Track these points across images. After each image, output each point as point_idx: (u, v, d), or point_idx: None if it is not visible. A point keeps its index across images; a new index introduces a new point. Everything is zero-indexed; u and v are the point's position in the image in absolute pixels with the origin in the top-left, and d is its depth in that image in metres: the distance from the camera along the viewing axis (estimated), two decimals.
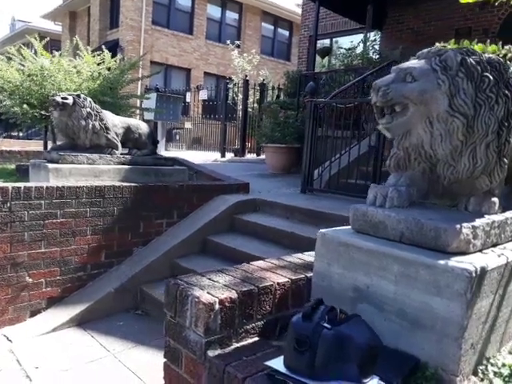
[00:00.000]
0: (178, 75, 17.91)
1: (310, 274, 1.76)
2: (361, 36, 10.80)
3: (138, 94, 12.95)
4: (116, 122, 4.31)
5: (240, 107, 13.32)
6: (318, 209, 4.31)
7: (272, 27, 20.96)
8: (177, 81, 17.57)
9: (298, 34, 21.70)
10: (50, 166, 3.85)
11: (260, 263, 1.84)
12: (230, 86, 13.29)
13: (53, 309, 3.67)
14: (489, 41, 2.34)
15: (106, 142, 4.22)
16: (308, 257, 2.06)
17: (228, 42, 16.28)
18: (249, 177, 7.15)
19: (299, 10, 21.28)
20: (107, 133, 4.19)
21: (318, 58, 12.44)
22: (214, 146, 14.30)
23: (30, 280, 3.54)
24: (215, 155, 12.14)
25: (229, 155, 12.87)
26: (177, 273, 4.07)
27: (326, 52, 9.05)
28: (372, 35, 10.49)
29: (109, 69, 7.32)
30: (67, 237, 3.73)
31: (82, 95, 4.05)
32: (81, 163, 4.04)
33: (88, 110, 4.04)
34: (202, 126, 15.39)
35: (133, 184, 4.11)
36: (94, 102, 4.19)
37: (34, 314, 3.60)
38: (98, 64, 7.24)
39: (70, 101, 3.94)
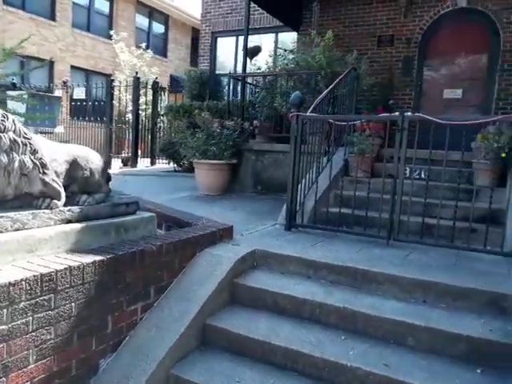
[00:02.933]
0: (39, 68, 14.84)
1: None
2: (272, 36, 10.01)
3: None
4: (55, 155, 2.58)
5: (130, 108, 11.44)
6: (352, 264, 3.24)
7: (147, 20, 18.97)
8: (37, 75, 14.54)
9: (174, 28, 20.16)
10: None
11: None
12: (116, 83, 11.30)
13: None
14: None
15: (41, 188, 2.48)
16: None
17: (112, 33, 13.93)
18: (182, 202, 5.75)
19: (175, 4, 19.74)
20: (44, 173, 2.46)
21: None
22: None
23: None
24: None
25: (116, 164, 10.96)
26: None
27: (256, 51, 7.95)
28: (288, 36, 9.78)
29: None
30: None
31: (1, 110, 2.27)
32: (2, 231, 2.27)
33: (11, 135, 2.27)
34: (72, 130, 12.98)
35: (97, 258, 2.48)
36: None
37: None
38: None
39: None
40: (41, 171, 2.45)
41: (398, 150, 3.82)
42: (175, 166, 9.57)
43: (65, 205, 2.66)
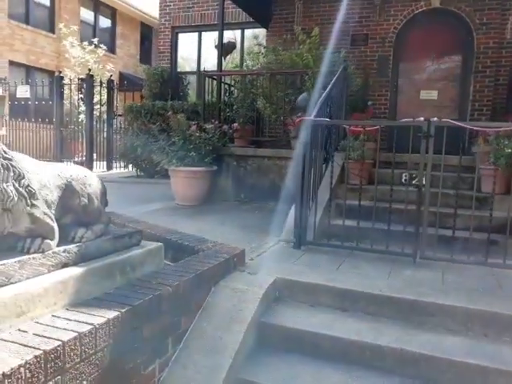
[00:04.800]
0: None
1: None
2: (238, 32, 9.47)
3: None
4: (44, 179, 1.93)
5: (81, 109, 10.47)
6: (393, 293, 2.83)
7: (92, 13, 17.71)
8: None
9: (122, 23, 19.00)
10: None
11: None
12: (66, 81, 10.30)
13: None
14: None
15: (29, 225, 1.83)
16: None
17: (61, 25, 12.69)
18: (159, 215, 5.14)
19: None
20: (32, 205, 1.81)
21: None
22: (32, 156, 11.01)
23: None
24: None
25: None
26: None
27: (231, 48, 7.37)
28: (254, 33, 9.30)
29: None
30: None
31: None
32: None
33: None
34: (13, 132, 11.81)
35: (111, 314, 1.87)
36: None
37: None
38: None
39: None
40: (28, 203, 1.80)
41: (424, 157, 3.46)
42: (137, 171, 8.83)
43: (58, 243, 2.01)
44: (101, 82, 10.03)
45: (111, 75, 10.54)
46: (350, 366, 2.46)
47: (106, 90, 10.16)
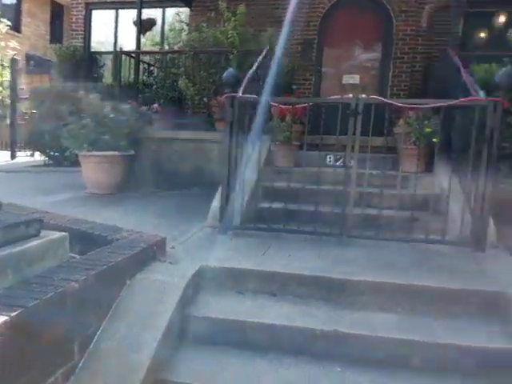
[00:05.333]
0: None
1: None
2: (158, 11, 8.93)
3: None
4: None
5: None
6: (323, 273, 2.73)
7: None
8: None
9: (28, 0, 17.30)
10: None
11: None
12: None
13: None
14: None
15: None
16: None
17: None
18: (69, 205, 4.67)
19: None
20: None
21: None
22: None
23: None
24: None
25: None
26: None
27: (150, 25, 6.86)
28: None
29: None
30: None
31: None
32: None
33: None
34: None
35: None
36: None
37: None
38: None
39: None
40: None
41: (352, 138, 3.39)
42: (45, 159, 8.02)
43: None
44: (1, 61, 8.99)
45: (15, 54, 9.50)
46: (281, 353, 2.32)
47: (8, 71, 9.15)
